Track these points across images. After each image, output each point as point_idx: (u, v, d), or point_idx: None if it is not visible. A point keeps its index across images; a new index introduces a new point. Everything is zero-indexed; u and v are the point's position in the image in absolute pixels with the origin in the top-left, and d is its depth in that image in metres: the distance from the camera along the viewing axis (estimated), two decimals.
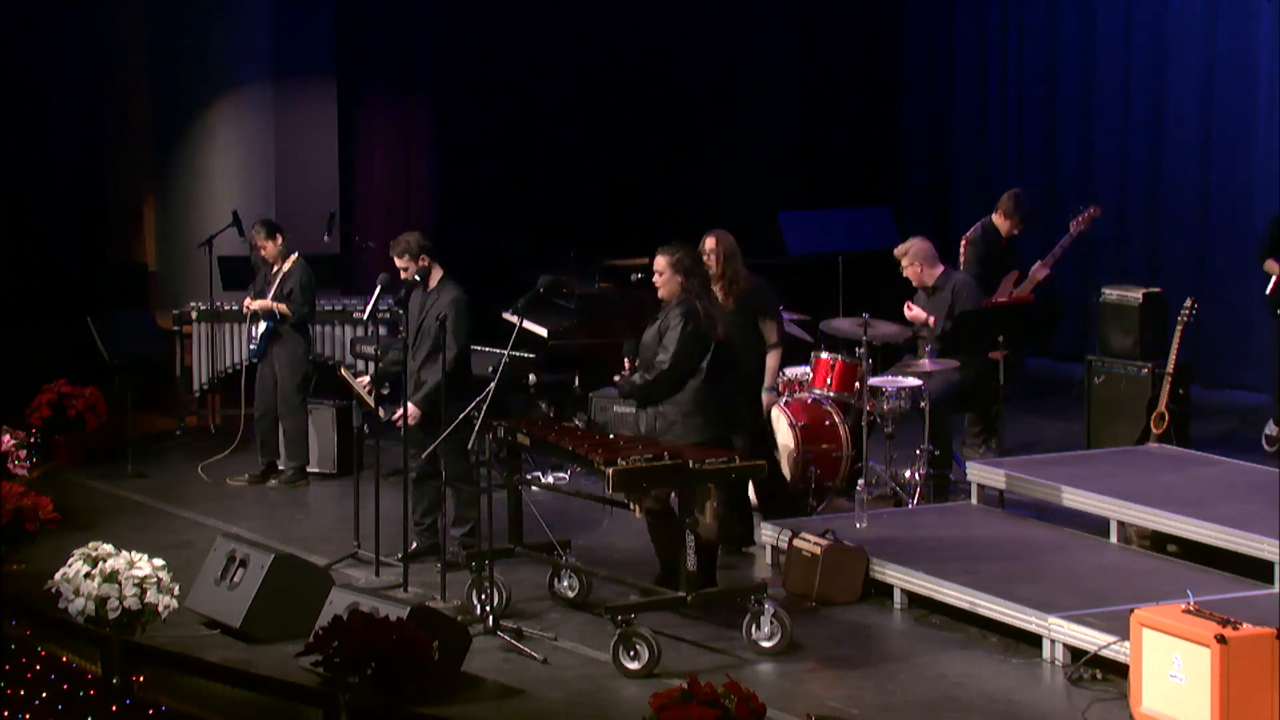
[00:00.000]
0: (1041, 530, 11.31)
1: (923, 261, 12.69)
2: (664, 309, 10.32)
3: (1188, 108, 15.97)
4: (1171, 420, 12.59)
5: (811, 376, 12.71)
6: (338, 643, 8.69)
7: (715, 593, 9.99)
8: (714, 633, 9.88)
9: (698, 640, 9.77)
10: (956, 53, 18.12)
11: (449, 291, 11.09)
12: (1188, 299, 12.78)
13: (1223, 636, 8.21)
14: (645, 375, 10.21)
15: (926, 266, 12.70)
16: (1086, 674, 9.14)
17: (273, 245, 13.25)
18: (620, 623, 9.35)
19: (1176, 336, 12.67)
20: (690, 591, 9.60)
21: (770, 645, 9.57)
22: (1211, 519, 10.56)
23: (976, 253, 13.57)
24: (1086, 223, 13.85)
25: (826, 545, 10.45)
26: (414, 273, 11.08)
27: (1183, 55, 15.97)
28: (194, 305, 14.87)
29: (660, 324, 10.25)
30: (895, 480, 12.20)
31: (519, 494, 10.65)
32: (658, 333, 10.25)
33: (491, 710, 8.97)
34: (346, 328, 14.76)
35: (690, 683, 8.01)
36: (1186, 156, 16.00)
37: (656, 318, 10.36)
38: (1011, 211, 13.63)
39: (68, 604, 9.53)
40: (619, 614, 9.40)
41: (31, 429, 13.47)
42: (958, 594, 9.99)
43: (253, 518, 12.43)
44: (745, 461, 9.88)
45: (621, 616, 9.38)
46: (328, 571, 10.46)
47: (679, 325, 10.15)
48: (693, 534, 9.58)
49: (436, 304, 11.03)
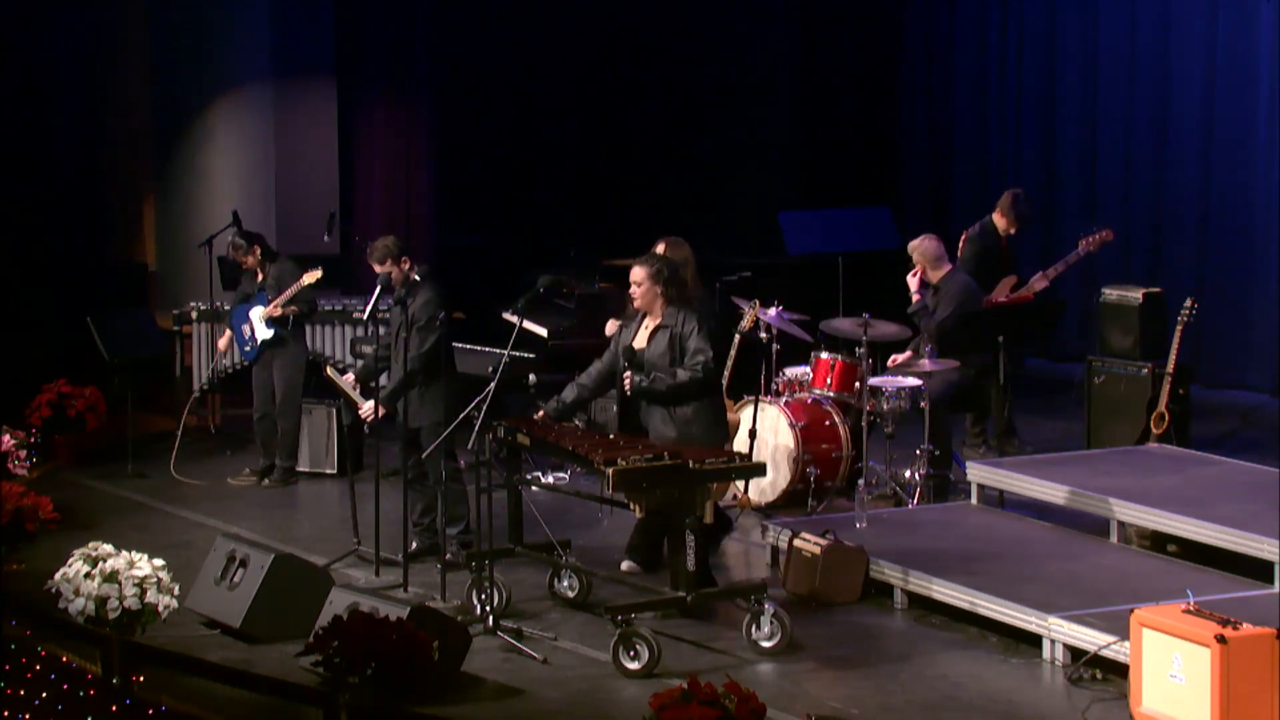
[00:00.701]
0: (1041, 530, 11.31)
1: (928, 261, 12.69)
2: (653, 317, 10.33)
3: (1188, 108, 15.96)
4: (1171, 420, 12.59)
5: (811, 376, 12.72)
6: (338, 643, 8.68)
7: (715, 593, 9.99)
8: (714, 633, 9.88)
9: (698, 640, 9.77)
10: (956, 53, 18.12)
11: (424, 293, 11.11)
12: (1188, 299, 12.78)
13: (1223, 636, 8.21)
14: (678, 372, 10.18)
15: (930, 266, 12.71)
16: (1086, 674, 9.14)
17: (253, 257, 13.31)
18: (620, 623, 9.35)
19: (1176, 336, 12.67)
20: (690, 591, 9.60)
21: (770, 645, 9.57)
22: (1211, 519, 10.55)
23: (973, 250, 13.59)
24: (1096, 245, 13.77)
25: (826, 545, 10.45)
26: (399, 275, 11.10)
27: (1183, 55, 15.96)
28: (194, 305, 14.87)
29: (673, 329, 10.24)
30: (895, 480, 12.20)
31: (519, 494, 10.65)
32: (673, 338, 10.23)
33: (491, 710, 8.97)
34: (346, 328, 14.76)
35: (690, 683, 8.01)
36: (1187, 156, 15.99)
37: (633, 327, 10.40)
38: (1008, 210, 13.65)
39: (68, 604, 9.53)
40: (619, 614, 9.40)
41: (31, 429, 13.46)
42: (958, 594, 9.99)
43: (253, 518, 12.42)
44: (745, 462, 9.90)
45: (621, 617, 9.38)
46: (328, 571, 10.46)
47: (699, 328, 10.19)
48: (692, 534, 9.58)
49: (414, 304, 11.06)
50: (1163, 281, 14.50)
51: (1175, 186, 16.15)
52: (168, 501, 12.90)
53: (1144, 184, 16.40)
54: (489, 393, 10.11)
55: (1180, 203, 16.10)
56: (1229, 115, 15.67)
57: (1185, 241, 16.00)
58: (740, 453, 10.13)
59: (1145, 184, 16.39)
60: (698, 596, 9.66)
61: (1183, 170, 16.06)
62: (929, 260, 12.72)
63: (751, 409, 11.33)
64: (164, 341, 14.80)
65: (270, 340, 13.22)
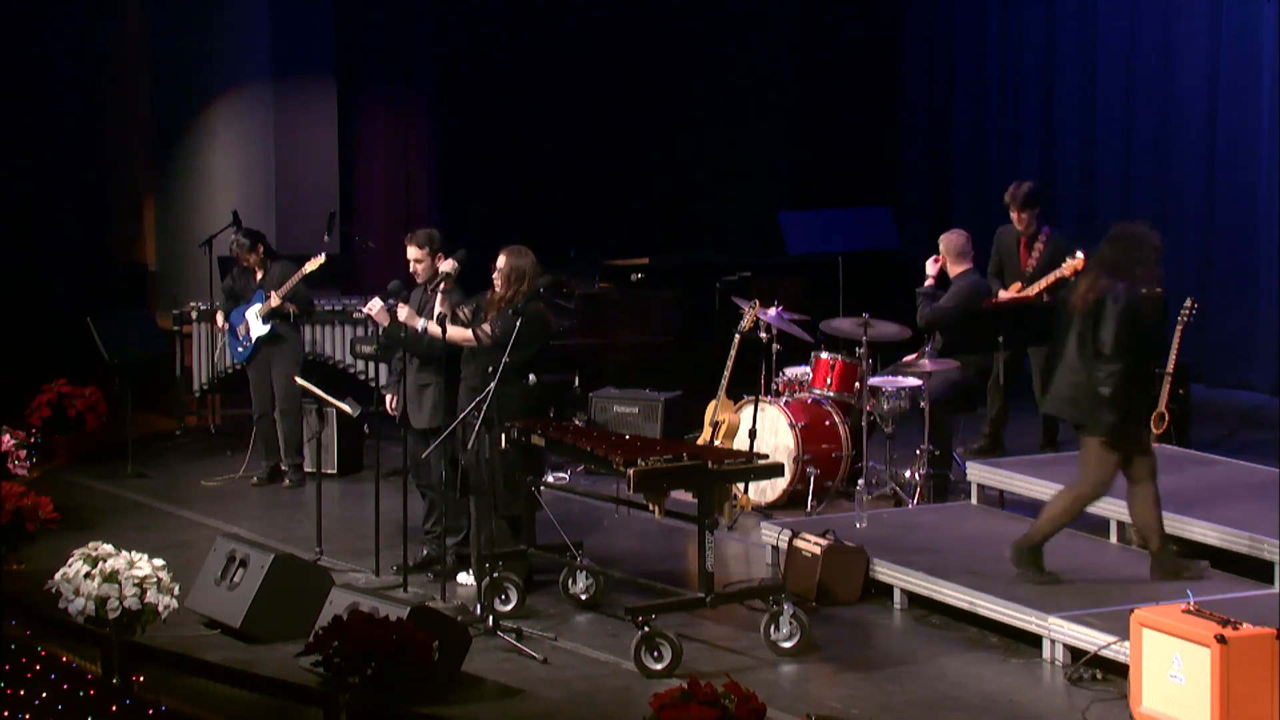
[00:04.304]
0: None
1: (951, 254, 12.64)
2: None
3: (1191, 107, 15.96)
4: (1171, 420, 12.59)
5: (811, 376, 12.72)
6: (338, 643, 8.68)
7: (734, 594, 9.98)
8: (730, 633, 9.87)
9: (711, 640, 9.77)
10: (956, 53, 18.12)
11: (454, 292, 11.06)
12: (1188, 299, 12.78)
13: (1223, 636, 8.21)
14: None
15: (952, 260, 12.66)
16: (1086, 674, 9.14)
17: (255, 256, 13.32)
18: (642, 624, 9.33)
19: (1176, 336, 12.67)
20: (709, 592, 9.60)
21: (790, 646, 9.56)
22: (1211, 519, 10.56)
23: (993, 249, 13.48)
24: (1070, 272, 13.42)
25: (826, 545, 10.45)
26: (426, 267, 11.05)
27: (1186, 54, 15.96)
28: (194, 305, 14.88)
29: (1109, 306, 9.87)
30: (895, 480, 12.20)
31: (532, 495, 10.63)
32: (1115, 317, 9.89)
33: (491, 710, 8.97)
34: (346, 328, 14.77)
35: (690, 683, 8.00)
36: (1189, 156, 15.99)
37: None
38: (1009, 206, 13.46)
39: (68, 604, 9.52)
40: (640, 615, 9.38)
41: (31, 429, 13.46)
42: (958, 594, 9.99)
43: (253, 518, 12.43)
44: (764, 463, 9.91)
45: (642, 617, 9.36)
46: (328, 571, 10.45)
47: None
48: (711, 534, 9.56)
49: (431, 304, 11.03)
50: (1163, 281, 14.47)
51: (1176, 186, 16.15)
52: (168, 501, 12.90)
53: (1145, 184, 16.40)
54: (489, 393, 10.10)
55: (1181, 203, 16.10)
56: (1231, 115, 15.67)
57: (1186, 241, 15.99)
58: (760, 453, 10.11)
59: (1146, 184, 16.38)
60: (717, 597, 9.65)
61: (1184, 170, 16.06)
62: (951, 254, 12.67)
63: (751, 409, 11.33)
64: (164, 341, 14.81)
65: (266, 337, 13.21)
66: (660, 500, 9.62)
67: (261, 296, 13.24)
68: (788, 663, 9.49)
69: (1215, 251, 15.83)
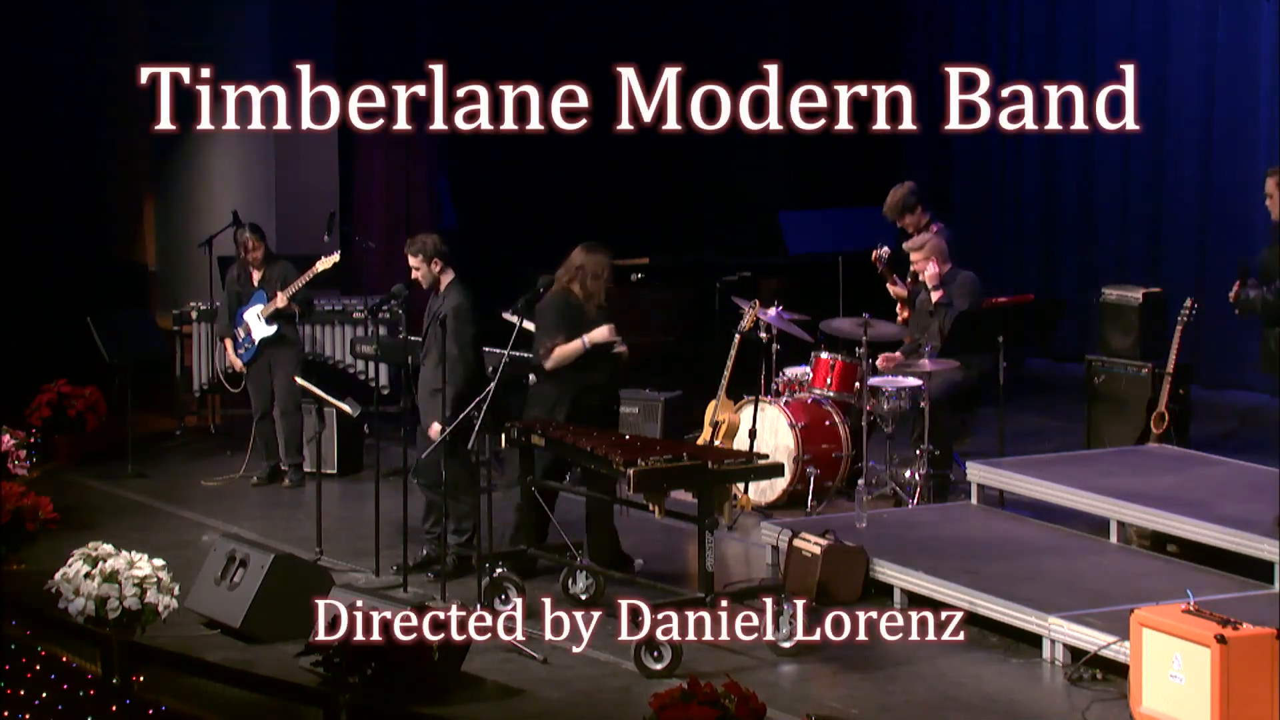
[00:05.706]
0: (1041, 530, 11.31)
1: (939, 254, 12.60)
2: None
3: (1188, 107, 15.94)
4: (1171, 420, 12.59)
5: (811, 376, 12.72)
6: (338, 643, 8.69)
7: (736, 593, 9.99)
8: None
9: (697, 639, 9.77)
10: (957, 53, 18.10)
11: (453, 298, 11.07)
12: (1188, 299, 12.78)
13: (1223, 636, 8.21)
14: None
15: (939, 261, 12.62)
16: (1086, 674, 9.14)
17: (260, 252, 13.32)
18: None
19: (1176, 336, 12.67)
20: (709, 592, 9.59)
21: (790, 646, 9.56)
22: (1211, 519, 10.56)
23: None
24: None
25: (826, 545, 10.45)
26: (425, 275, 11.06)
27: (1183, 54, 15.95)
28: (194, 305, 14.88)
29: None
30: (895, 480, 12.20)
31: (532, 495, 10.62)
32: None
33: (491, 710, 8.97)
34: (346, 328, 14.76)
35: (690, 682, 8.01)
36: (1187, 156, 15.98)
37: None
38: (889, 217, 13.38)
39: (68, 604, 9.53)
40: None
41: (31, 429, 13.47)
42: (958, 594, 9.99)
43: (253, 518, 12.43)
44: (764, 463, 9.90)
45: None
46: (328, 571, 10.45)
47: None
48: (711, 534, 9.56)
49: (441, 309, 11.03)
50: (1163, 281, 14.49)
51: (1175, 186, 16.14)
52: (168, 501, 12.90)
53: (1143, 183, 16.39)
54: (489, 393, 10.10)
55: (1180, 202, 16.09)
56: (1229, 114, 15.66)
57: (1185, 241, 15.99)
58: (760, 453, 10.11)
59: (1145, 183, 16.38)
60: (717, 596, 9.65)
61: (1182, 169, 16.04)
62: (939, 256, 12.61)
63: (751, 409, 11.33)
64: (164, 341, 14.80)
65: (269, 339, 13.22)
66: (660, 500, 9.63)
67: (262, 297, 13.24)
68: (788, 663, 9.49)
69: (1213, 251, 15.81)
